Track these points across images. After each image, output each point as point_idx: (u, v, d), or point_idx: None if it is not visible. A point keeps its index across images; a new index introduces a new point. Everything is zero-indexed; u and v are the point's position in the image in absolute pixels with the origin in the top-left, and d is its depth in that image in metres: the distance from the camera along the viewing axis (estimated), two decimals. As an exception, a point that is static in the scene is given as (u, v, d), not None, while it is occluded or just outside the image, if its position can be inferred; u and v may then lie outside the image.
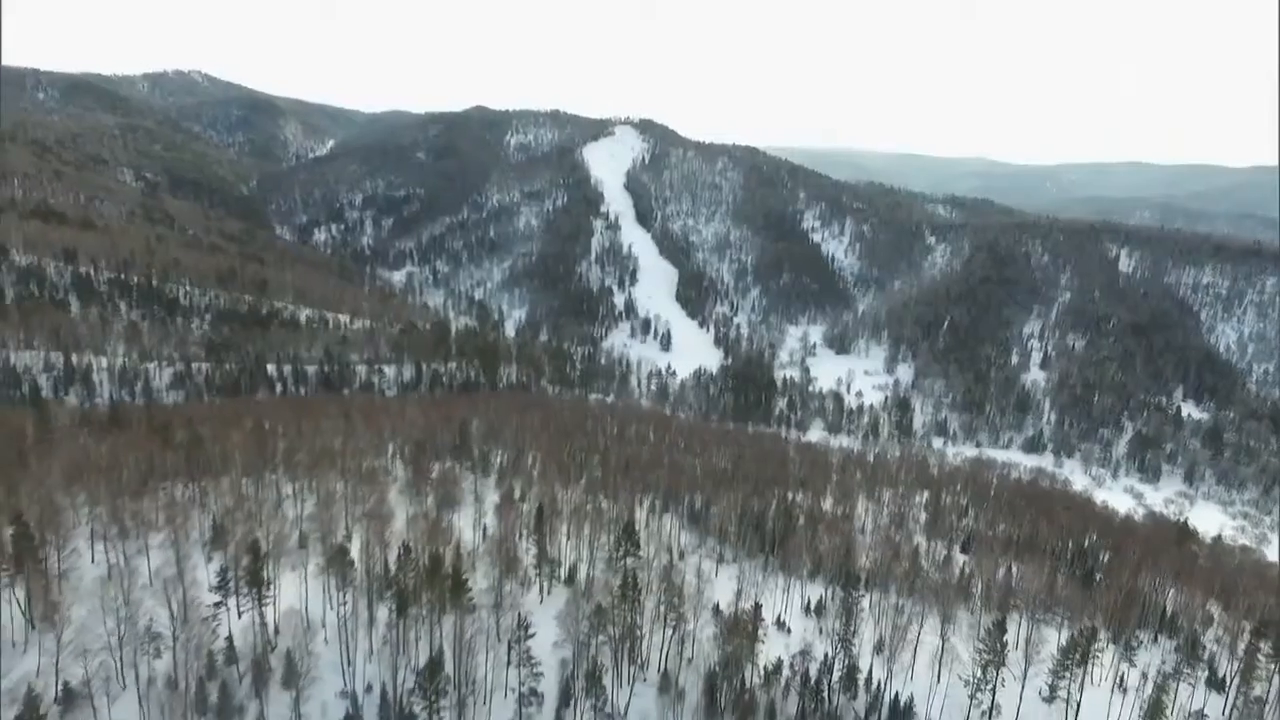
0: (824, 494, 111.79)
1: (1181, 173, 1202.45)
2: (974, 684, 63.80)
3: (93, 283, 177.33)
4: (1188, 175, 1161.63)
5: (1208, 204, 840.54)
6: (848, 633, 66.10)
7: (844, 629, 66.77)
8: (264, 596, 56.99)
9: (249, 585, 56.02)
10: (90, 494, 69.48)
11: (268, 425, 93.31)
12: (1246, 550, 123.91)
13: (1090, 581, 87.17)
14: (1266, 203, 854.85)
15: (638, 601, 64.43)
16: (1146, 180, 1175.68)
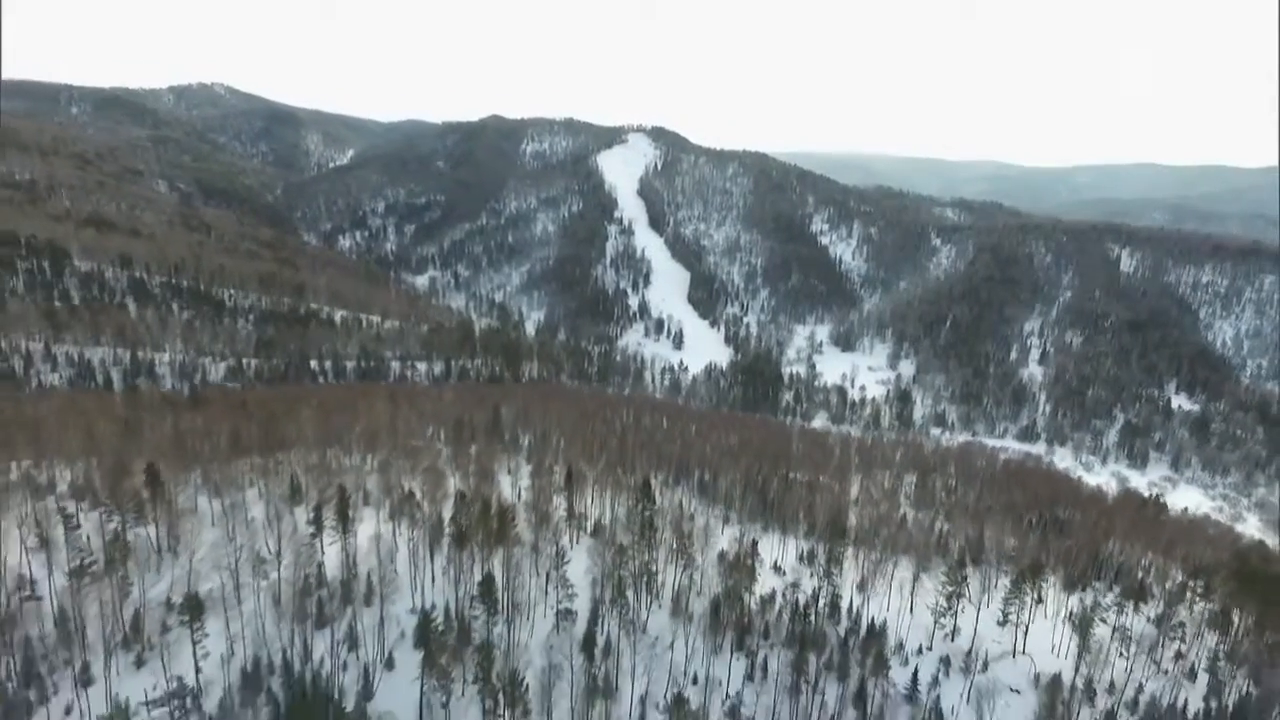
0: (823, 471, 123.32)
1: (1194, 174, 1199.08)
2: (938, 611, 75.70)
3: (147, 286, 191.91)
4: (1200, 176, 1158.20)
5: (1220, 205, 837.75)
6: (830, 568, 78.03)
7: (828, 566, 78.74)
8: (348, 531, 69.57)
9: (338, 520, 68.57)
10: (191, 457, 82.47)
11: (327, 406, 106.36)
12: (1215, 523, 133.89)
13: (1050, 538, 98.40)
14: (1274, 202, 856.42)
15: (653, 541, 76.76)
16: (1159, 181, 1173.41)
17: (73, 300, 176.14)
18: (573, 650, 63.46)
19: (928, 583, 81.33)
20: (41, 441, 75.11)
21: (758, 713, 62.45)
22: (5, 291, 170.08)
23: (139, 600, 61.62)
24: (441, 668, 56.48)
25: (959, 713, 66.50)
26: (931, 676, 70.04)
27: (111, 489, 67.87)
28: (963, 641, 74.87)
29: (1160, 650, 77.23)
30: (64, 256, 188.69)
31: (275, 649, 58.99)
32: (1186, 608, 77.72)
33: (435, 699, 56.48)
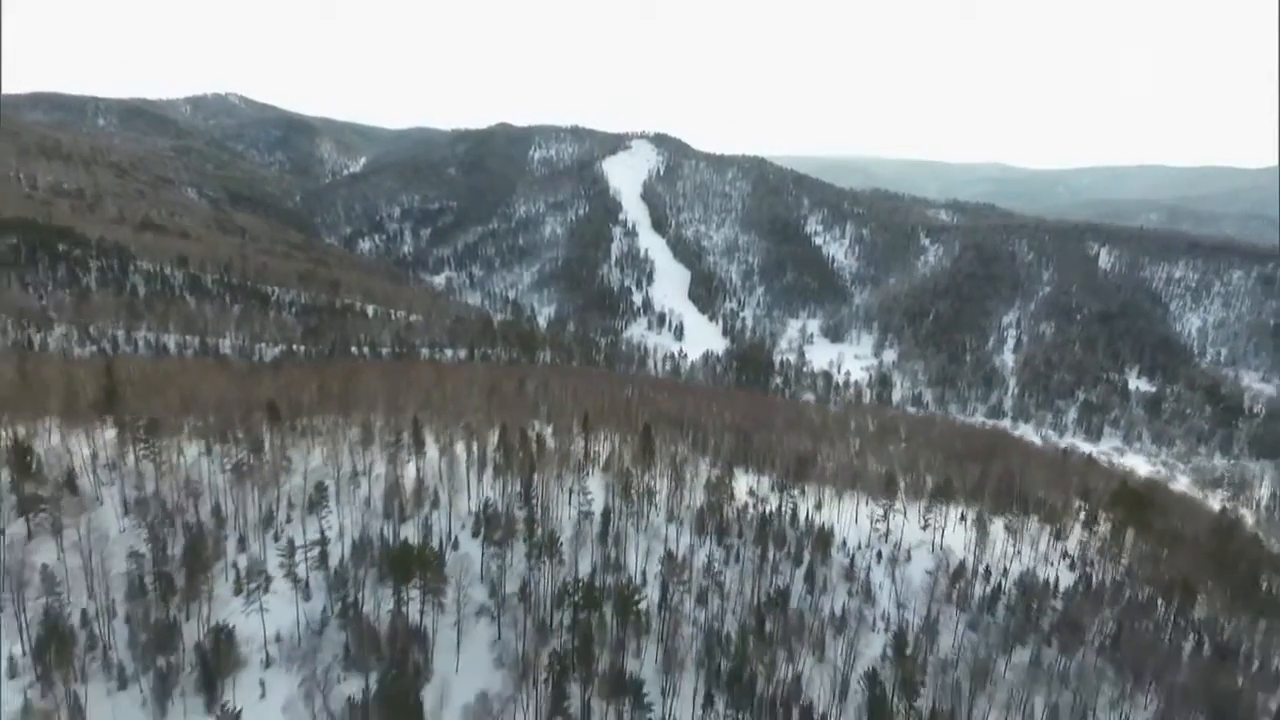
0: (798, 429, 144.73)
1: (1195, 175, 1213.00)
2: (874, 519, 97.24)
3: (202, 282, 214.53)
4: (1201, 177, 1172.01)
5: (1219, 205, 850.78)
6: (790, 486, 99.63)
7: (791, 486, 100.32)
8: (420, 452, 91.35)
9: (413, 443, 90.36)
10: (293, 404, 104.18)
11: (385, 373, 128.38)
12: (1121, 469, 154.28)
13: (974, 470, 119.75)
14: (1274, 202, 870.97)
15: (652, 466, 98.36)
16: (1160, 183, 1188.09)
17: (139, 294, 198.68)
18: (592, 537, 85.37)
19: (874, 506, 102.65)
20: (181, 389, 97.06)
21: (729, 581, 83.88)
22: (82, 286, 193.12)
23: (272, 497, 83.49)
24: (494, 540, 78.37)
25: (883, 585, 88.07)
26: (866, 563, 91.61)
27: (242, 421, 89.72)
28: (893, 541, 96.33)
29: (1049, 550, 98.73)
30: (129, 256, 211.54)
31: (374, 532, 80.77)
32: (1078, 521, 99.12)
33: (491, 561, 78.18)
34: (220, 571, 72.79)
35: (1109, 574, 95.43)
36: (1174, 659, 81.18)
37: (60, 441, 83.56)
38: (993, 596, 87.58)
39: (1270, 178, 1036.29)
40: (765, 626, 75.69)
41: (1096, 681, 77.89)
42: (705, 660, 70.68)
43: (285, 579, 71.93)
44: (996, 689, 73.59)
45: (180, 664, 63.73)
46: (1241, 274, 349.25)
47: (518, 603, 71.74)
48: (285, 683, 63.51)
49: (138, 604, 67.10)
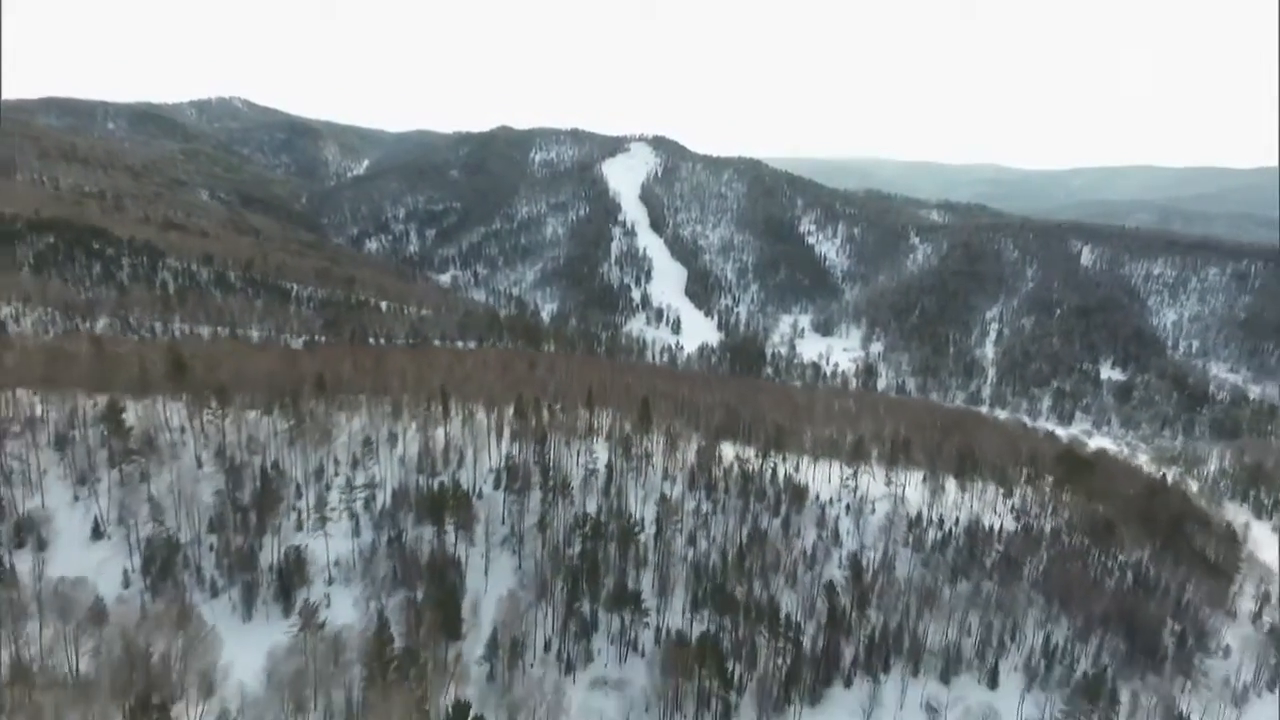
0: (782, 407, 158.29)
1: (1189, 175, 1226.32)
2: (844, 477, 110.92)
3: (227, 278, 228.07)
4: (1195, 177, 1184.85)
5: (1211, 205, 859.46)
6: (769, 452, 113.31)
7: (772, 452, 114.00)
8: (448, 417, 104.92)
9: (441, 410, 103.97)
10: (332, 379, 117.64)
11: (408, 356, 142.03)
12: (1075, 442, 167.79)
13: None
14: (1268, 202, 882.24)
15: (649, 433, 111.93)
16: (1154, 183, 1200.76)
17: (169, 289, 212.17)
18: (597, 488, 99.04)
19: (846, 469, 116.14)
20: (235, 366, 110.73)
21: (715, 526, 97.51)
22: (117, 281, 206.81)
23: (322, 454, 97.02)
24: (514, 489, 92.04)
25: (849, 530, 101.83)
26: (835, 513, 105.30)
27: (291, 393, 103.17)
28: (859, 496, 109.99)
29: (998, 504, 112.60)
30: (159, 254, 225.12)
31: (410, 483, 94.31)
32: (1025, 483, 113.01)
33: (511, 506, 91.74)
34: (284, 511, 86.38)
35: (1048, 524, 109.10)
36: (1097, 590, 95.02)
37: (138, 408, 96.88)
38: (943, 541, 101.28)
39: (1261, 178, 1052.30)
40: (745, 559, 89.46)
41: (1027, 607, 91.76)
42: (693, 582, 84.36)
43: (340, 516, 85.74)
44: (941, 611, 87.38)
45: (259, 580, 77.44)
46: (1217, 270, 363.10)
47: (536, 534, 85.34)
48: (346, 595, 77.39)
49: (221, 535, 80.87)
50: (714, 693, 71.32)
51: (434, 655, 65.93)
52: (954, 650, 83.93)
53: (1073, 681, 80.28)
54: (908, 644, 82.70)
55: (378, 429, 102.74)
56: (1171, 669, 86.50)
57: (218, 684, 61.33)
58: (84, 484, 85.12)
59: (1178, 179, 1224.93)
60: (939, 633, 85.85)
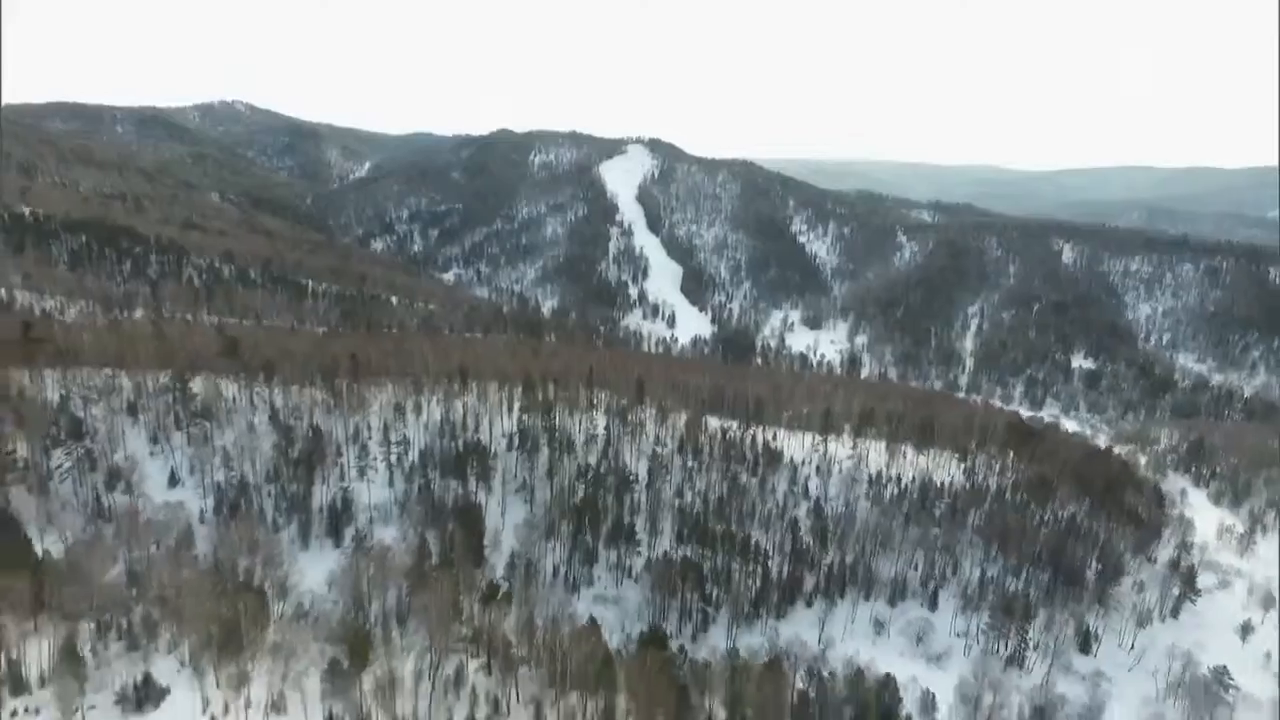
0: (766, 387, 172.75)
1: (1181, 175, 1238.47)
2: (815, 444, 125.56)
3: (248, 275, 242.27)
4: (1185, 177, 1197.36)
5: (1199, 204, 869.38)
6: (750, 423, 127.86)
7: (752, 422, 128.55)
8: (465, 390, 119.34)
9: (460, 383, 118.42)
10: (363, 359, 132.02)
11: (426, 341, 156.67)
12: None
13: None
14: (1254, 202, 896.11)
15: (643, 405, 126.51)
16: (1145, 183, 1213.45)
17: (195, 284, 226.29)
18: (597, 449, 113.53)
19: (818, 437, 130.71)
20: (274, 347, 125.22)
21: (699, 479, 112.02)
22: (146, 276, 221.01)
23: (357, 419, 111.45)
24: (525, 449, 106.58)
25: (817, 485, 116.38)
26: (806, 472, 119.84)
27: (326, 370, 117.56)
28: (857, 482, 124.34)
29: (951, 465, 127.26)
30: (184, 252, 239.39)
31: (434, 446, 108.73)
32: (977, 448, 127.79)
33: (524, 468, 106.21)
34: (330, 464, 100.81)
35: (994, 482, 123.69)
36: (1030, 535, 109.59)
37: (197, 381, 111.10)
38: (899, 495, 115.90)
39: (1250, 177, 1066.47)
40: (724, 506, 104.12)
41: (968, 548, 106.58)
42: (678, 522, 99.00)
43: (378, 469, 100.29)
44: (892, 550, 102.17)
45: (312, 518, 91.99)
46: (1191, 267, 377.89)
47: (545, 483, 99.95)
48: (386, 531, 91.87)
49: (277, 482, 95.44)
50: (694, 606, 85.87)
51: (463, 572, 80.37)
52: (901, 580, 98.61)
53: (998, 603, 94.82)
54: (862, 574, 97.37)
55: (405, 399, 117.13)
56: (1089, 597, 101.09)
57: (291, 588, 75.88)
58: (156, 442, 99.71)
59: (1169, 179, 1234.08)
60: (889, 567, 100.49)
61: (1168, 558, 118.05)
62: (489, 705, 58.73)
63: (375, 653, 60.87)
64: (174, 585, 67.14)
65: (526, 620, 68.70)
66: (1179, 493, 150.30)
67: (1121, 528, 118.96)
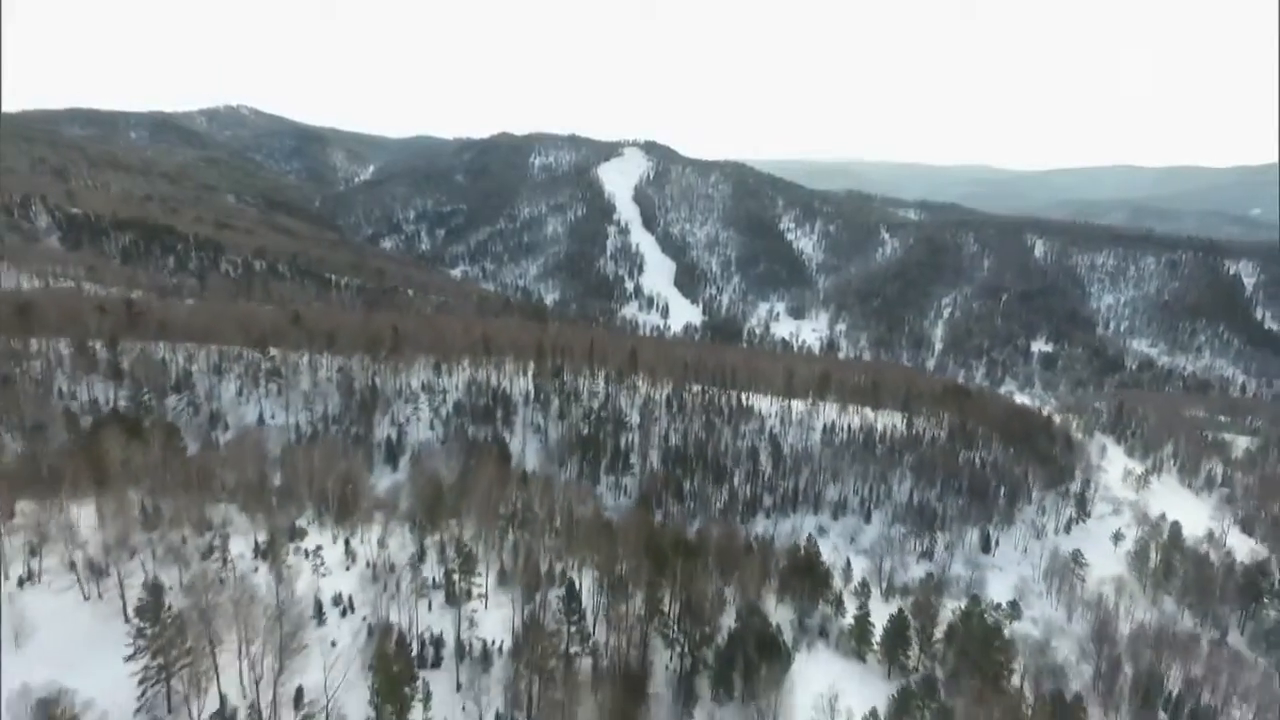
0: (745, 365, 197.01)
1: (1169, 174, 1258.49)
2: (779, 403, 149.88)
3: (278, 268, 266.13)
4: (1173, 177, 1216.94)
5: (1185, 203, 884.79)
6: (728, 384, 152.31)
7: (731, 385, 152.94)
8: (490, 360, 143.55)
9: (484, 352, 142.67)
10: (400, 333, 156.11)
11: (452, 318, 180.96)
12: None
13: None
14: (1238, 200, 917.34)
15: (636, 372, 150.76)
16: (1133, 182, 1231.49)
17: (231, 277, 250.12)
18: (599, 403, 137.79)
19: (785, 400, 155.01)
20: (323, 324, 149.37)
21: (682, 427, 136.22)
22: (190, 270, 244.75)
23: (399, 380, 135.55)
24: (540, 401, 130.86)
25: (778, 431, 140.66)
26: (773, 423, 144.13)
27: (373, 341, 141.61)
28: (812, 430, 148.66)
29: (895, 419, 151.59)
30: (220, 249, 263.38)
31: (465, 399, 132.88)
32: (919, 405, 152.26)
33: (539, 416, 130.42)
34: (383, 410, 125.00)
35: (929, 431, 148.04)
36: (953, 469, 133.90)
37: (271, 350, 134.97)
38: (848, 440, 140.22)
39: (1237, 176, 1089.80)
40: (703, 444, 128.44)
41: (901, 479, 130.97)
42: (664, 453, 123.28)
43: (422, 415, 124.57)
44: (838, 480, 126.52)
45: (374, 449, 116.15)
46: (1153, 260, 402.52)
47: (557, 425, 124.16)
48: (432, 462, 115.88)
49: (342, 423, 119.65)
50: (674, 508, 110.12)
51: (496, 483, 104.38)
52: (843, 500, 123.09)
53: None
54: (812, 495, 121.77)
55: (440, 363, 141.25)
56: (997, 516, 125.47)
57: (367, 494, 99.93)
58: (242, 395, 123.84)
59: (1159, 178, 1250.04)
60: (834, 491, 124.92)
61: (1073, 491, 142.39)
62: (523, 555, 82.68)
63: (444, 519, 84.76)
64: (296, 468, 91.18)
65: (549, 508, 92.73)
66: (1100, 447, 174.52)
67: (1034, 467, 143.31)
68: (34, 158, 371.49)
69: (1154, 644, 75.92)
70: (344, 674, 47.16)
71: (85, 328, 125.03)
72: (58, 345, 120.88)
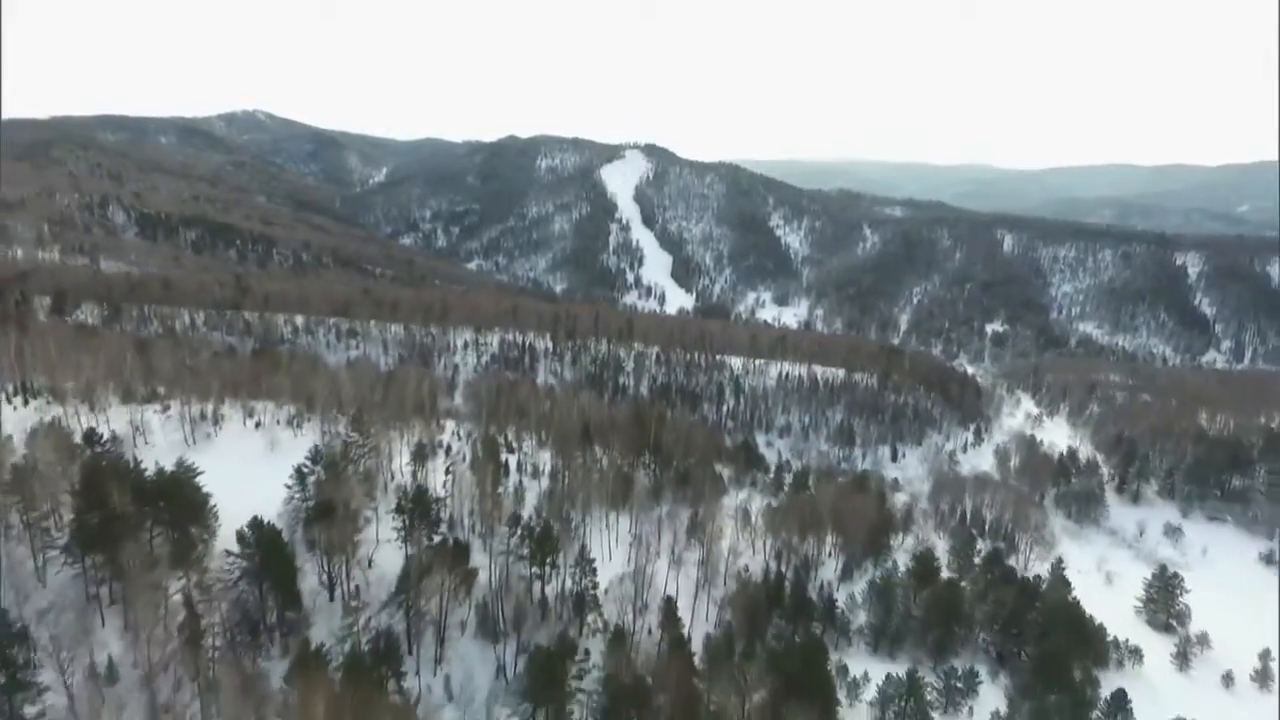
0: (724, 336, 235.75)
1: (1161, 173, 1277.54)
2: (754, 362, 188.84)
3: (322, 259, 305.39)
4: (1166, 175, 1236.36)
5: (1177, 201, 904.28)
6: (708, 346, 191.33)
7: (710, 348, 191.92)
8: (515, 326, 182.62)
9: (514, 320, 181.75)
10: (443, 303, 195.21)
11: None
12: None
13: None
14: (1226, 198, 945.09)
15: (631, 342, 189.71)
16: (1129, 181, 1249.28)
17: (283, 268, 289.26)
18: (602, 355, 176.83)
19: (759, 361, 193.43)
20: (388, 298, 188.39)
21: (669, 378, 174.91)
22: (250, 261, 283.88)
23: (440, 343, 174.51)
24: (558, 354, 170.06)
25: (744, 377, 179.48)
26: (739, 374, 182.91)
27: (424, 310, 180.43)
28: (769, 378, 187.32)
29: (842, 373, 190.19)
30: (271, 242, 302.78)
31: (500, 354, 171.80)
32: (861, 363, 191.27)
33: (557, 365, 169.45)
34: (437, 357, 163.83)
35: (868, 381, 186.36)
36: (884, 408, 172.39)
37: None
38: (797, 386, 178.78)
39: (1225, 175, 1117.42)
40: (685, 386, 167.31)
41: (844, 414, 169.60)
42: (654, 389, 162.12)
43: (468, 361, 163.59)
44: (792, 413, 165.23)
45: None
46: (1110, 252, 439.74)
47: (571, 368, 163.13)
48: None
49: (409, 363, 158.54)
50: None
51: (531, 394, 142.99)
52: (789, 425, 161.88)
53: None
54: (764, 420, 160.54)
55: (480, 329, 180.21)
56: (909, 437, 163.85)
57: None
58: (329, 348, 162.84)
59: (1151, 177, 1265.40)
60: (783, 419, 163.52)
61: (976, 427, 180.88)
62: (554, 428, 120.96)
63: (499, 417, 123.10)
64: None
65: (566, 408, 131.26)
66: (1016, 400, 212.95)
67: (948, 410, 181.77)
68: (90, 163, 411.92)
69: (975, 491, 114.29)
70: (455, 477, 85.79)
71: (211, 296, 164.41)
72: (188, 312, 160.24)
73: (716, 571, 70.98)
